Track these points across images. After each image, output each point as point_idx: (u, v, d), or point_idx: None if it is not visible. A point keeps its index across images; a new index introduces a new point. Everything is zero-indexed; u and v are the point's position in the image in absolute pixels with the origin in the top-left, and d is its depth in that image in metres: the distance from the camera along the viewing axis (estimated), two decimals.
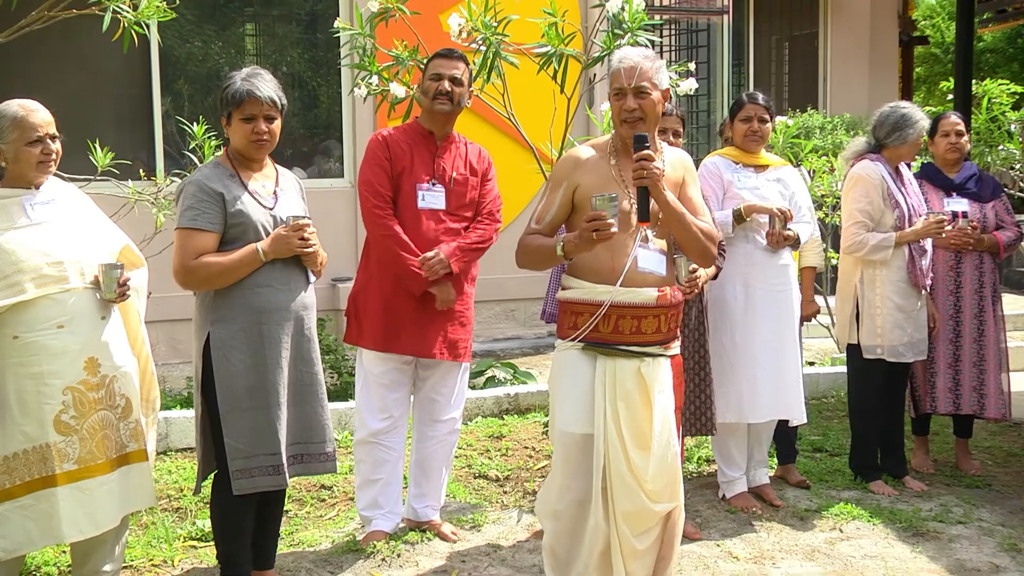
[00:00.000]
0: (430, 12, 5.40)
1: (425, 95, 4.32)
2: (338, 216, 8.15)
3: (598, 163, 3.48)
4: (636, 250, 3.38)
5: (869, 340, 5.12)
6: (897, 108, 5.19)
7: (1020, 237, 5.47)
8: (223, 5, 8.26)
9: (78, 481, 3.51)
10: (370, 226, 4.31)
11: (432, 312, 4.31)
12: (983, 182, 5.50)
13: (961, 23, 10.20)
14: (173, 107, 7.86)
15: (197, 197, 3.61)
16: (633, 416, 3.35)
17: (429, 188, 4.30)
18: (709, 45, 9.58)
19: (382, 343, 4.30)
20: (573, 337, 3.42)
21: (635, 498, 3.34)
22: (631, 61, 3.41)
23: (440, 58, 4.33)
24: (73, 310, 3.50)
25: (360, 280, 4.44)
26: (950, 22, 18.23)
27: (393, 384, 4.39)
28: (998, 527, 4.69)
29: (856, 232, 5.05)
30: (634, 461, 3.33)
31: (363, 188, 4.31)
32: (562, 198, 3.48)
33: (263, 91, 3.65)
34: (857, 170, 5.13)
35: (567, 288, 3.48)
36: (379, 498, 4.43)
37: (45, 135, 3.54)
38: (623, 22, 4.82)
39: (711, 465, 5.44)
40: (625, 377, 3.37)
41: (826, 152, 9.26)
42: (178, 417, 5.80)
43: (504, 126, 5.38)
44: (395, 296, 4.28)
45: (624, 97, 3.40)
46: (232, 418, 3.62)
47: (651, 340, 3.41)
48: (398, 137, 4.34)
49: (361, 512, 4.49)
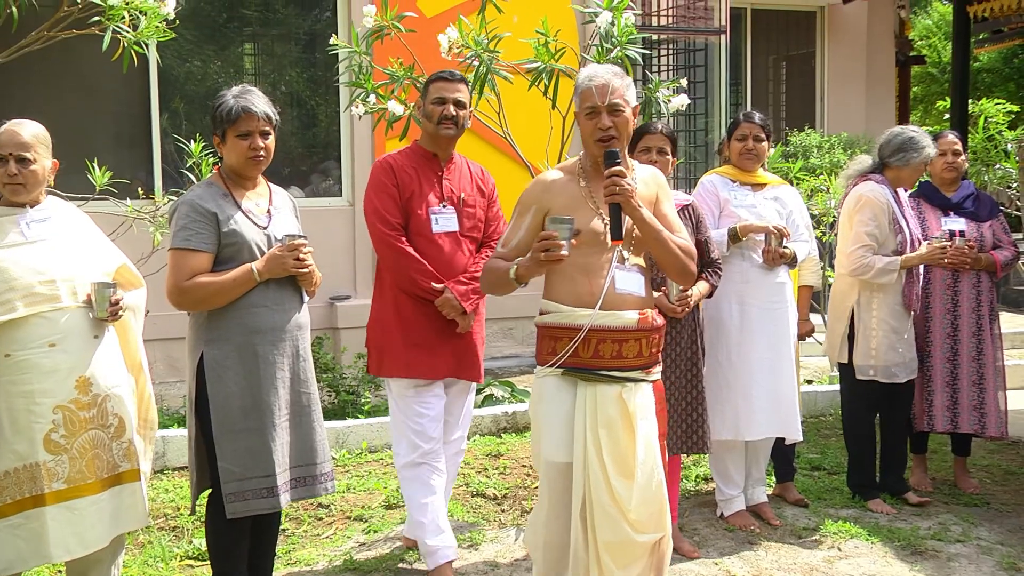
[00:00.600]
0: (426, 30, 5.41)
1: (428, 119, 4.28)
2: (336, 235, 8.16)
3: (567, 185, 3.42)
4: (612, 270, 3.33)
5: (863, 361, 5.12)
6: (906, 131, 5.23)
7: (1017, 256, 5.47)
8: (222, 25, 8.29)
9: (67, 501, 3.48)
10: (383, 251, 4.27)
11: (452, 333, 4.28)
12: (980, 201, 5.51)
13: (957, 43, 10.27)
14: (171, 126, 7.88)
15: (190, 217, 3.59)
16: (615, 444, 3.27)
17: (441, 211, 4.27)
18: (707, 64, 9.60)
19: (408, 368, 4.25)
20: (552, 363, 3.36)
21: (618, 528, 3.26)
22: (602, 79, 3.35)
23: (441, 81, 4.29)
24: (65, 329, 3.49)
25: (376, 310, 4.39)
26: (947, 42, 18.33)
27: (428, 404, 4.31)
28: (997, 545, 4.68)
29: (863, 255, 5.05)
30: (617, 490, 3.25)
31: (372, 216, 4.26)
32: (531, 222, 3.41)
33: (258, 107, 3.64)
34: (864, 191, 5.12)
35: (545, 313, 3.42)
36: (439, 520, 4.28)
37: (9, 155, 3.51)
38: (613, 37, 4.84)
39: (709, 483, 5.43)
40: (606, 403, 3.30)
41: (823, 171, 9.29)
42: (175, 436, 5.79)
43: (500, 144, 5.40)
44: (415, 320, 4.25)
45: (598, 115, 3.34)
46: (226, 440, 3.59)
47: (632, 365, 3.34)
48: (403, 162, 4.30)
49: (427, 541, 4.24)
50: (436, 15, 7.79)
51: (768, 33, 12.22)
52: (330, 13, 8.45)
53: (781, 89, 12.65)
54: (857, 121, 11.89)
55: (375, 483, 5.49)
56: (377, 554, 4.59)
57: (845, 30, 12.22)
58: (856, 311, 5.14)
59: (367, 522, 4.97)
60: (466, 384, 4.47)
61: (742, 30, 11.84)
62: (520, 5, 5.56)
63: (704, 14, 9.42)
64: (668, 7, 9.30)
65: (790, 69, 12.56)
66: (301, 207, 4.12)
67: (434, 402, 4.33)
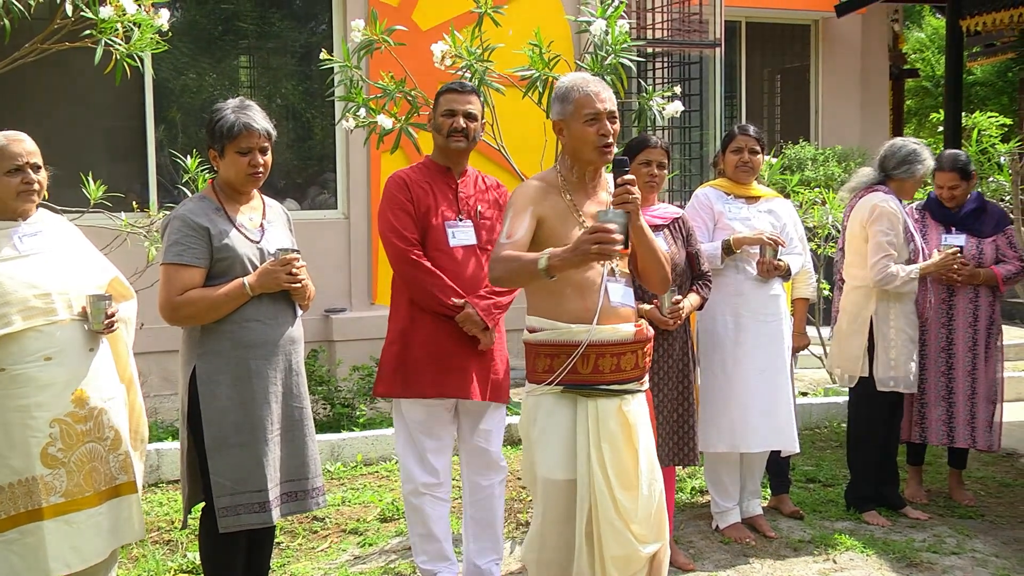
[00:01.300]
0: (422, 43, 5.42)
1: (439, 132, 4.19)
2: (331, 247, 8.15)
3: (551, 195, 3.33)
4: (605, 283, 3.28)
5: (884, 372, 5.11)
6: (908, 143, 5.24)
7: (1022, 270, 5.45)
8: (217, 38, 8.30)
9: (65, 514, 3.47)
10: (400, 267, 4.15)
11: (475, 353, 4.16)
12: (987, 215, 5.47)
13: (951, 57, 10.33)
14: (167, 139, 7.89)
15: (183, 232, 3.57)
16: (617, 457, 3.24)
17: (458, 224, 4.17)
18: (701, 77, 9.62)
19: (425, 388, 4.12)
20: (550, 381, 3.28)
21: (624, 542, 3.24)
22: (597, 85, 3.29)
23: (452, 92, 4.20)
24: (61, 342, 3.48)
25: (393, 331, 4.24)
26: (940, 55, 18.38)
27: (436, 432, 4.23)
28: (992, 558, 4.68)
29: (886, 264, 5.02)
30: (621, 503, 3.22)
31: (388, 233, 4.15)
32: (530, 222, 3.25)
33: (259, 123, 3.63)
34: (878, 202, 5.08)
35: (537, 330, 3.31)
36: (444, 550, 4.26)
37: (25, 164, 3.51)
38: (607, 45, 4.85)
39: (704, 495, 5.42)
40: (608, 418, 3.25)
41: (818, 184, 9.30)
42: (169, 449, 5.78)
43: (493, 155, 5.40)
44: (436, 339, 4.11)
45: (599, 121, 3.25)
46: (218, 454, 3.58)
47: (630, 377, 3.31)
48: (416, 177, 4.21)
49: (422, 566, 4.27)
50: (431, 28, 7.81)
51: (763, 46, 12.28)
52: (325, 26, 8.47)
53: (776, 102, 12.70)
54: (851, 134, 11.93)
55: (370, 496, 5.48)
56: (372, 567, 4.58)
57: (839, 43, 12.28)
58: (875, 322, 5.12)
59: (362, 535, 4.95)
60: (498, 406, 4.33)
61: (737, 43, 11.88)
62: (514, 18, 5.58)
63: (699, 27, 9.45)
64: (663, 20, 9.33)
65: (784, 82, 12.62)
66: (296, 220, 4.11)
67: (445, 427, 4.25)
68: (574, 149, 3.33)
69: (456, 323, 4.09)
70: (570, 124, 3.31)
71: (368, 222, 8.27)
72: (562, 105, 3.32)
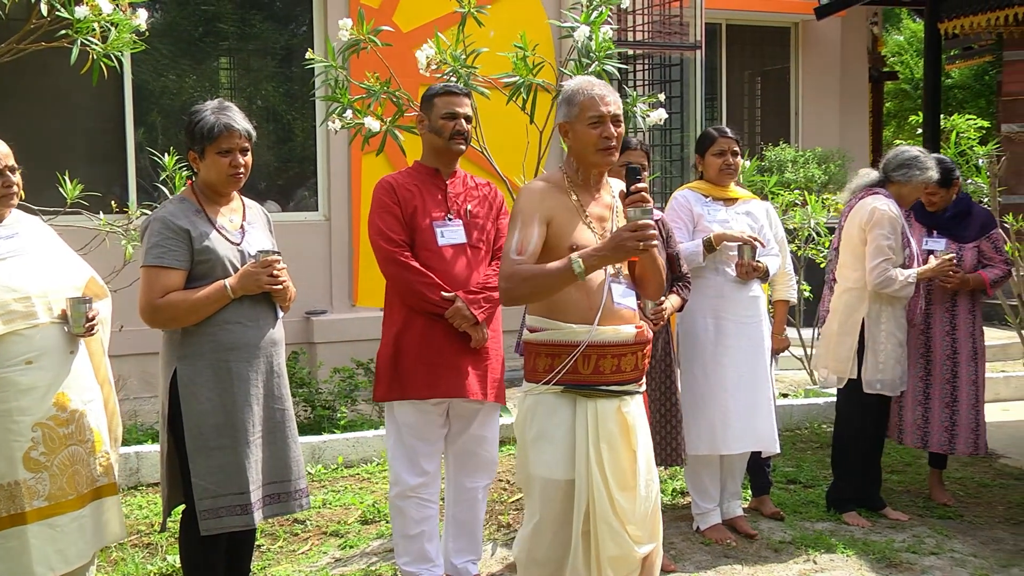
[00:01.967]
0: (402, 44, 5.41)
1: (439, 135, 4.19)
2: (312, 249, 8.14)
3: (559, 197, 3.33)
4: (609, 284, 3.31)
5: (871, 375, 5.13)
6: (911, 149, 5.27)
7: (1008, 273, 5.48)
8: (198, 39, 8.27)
9: (49, 518, 3.45)
10: (387, 268, 4.15)
11: (469, 352, 4.16)
12: (972, 218, 5.49)
13: (929, 60, 10.40)
14: (147, 140, 7.85)
15: (163, 234, 3.55)
16: (616, 457, 3.26)
17: (446, 223, 4.18)
18: (682, 79, 9.66)
19: (419, 390, 4.11)
20: (550, 379, 3.28)
21: (621, 542, 3.25)
22: (603, 89, 3.31)
23: (449, 95, 4.21)
24: (41, 346, 3.45)
25: (387, 336, 4.23)
26: (918, 59, 18.51)
27: (427, 436, 4.22)
28: (970, 558, 4.70)
29: (885, 268, 5.02)
30: (619, 503, 3.24)
31: (376, 237, 4.16)
32: (540, 230, 3.25)
33: (239, 124, 3.62)
34: (878, 205, 5.07)
35: (538, 330, 3.32)
36: (427, 551, 4.26)
37: (3, 167, 3.49)
38: (590, 51, 4.85)
39: (685, 497, 5.44)
40: (607, 418, 3.26)
41: (798, 186, 9.35)
42: (149, 451, 5.75)
43: (476, 158, 5.39)
44: (430, 339, 4.10)
45: (603, 124, 3.26)
46: (199, 457, 3.56)
47: (630, 378, 3.33)
48: (404, 180, 4.23)
49: (404, 567, 4.27)
50: (412, 30, 7.81)
51: (743, 48, 12.34)
52: (306, 28, 8.45)
53: (756, 104, 12.76)
54: (831, 136, 12.01)
55: (351, 498, 5.46)
56: (353, 569, 4.57)
57: (819, 46, 12.35)
58: (866, 325, 5.13)
59: (343, 537, 4.94)
60: (493, 406, 4.31)
61: (717, 46, 11.94)
62: (497, 20, 5.57)
63: (679, 29, 9.48)
64: (643, 23, 9.35)
65: (765, 84, 12.68)
66: (277, 222, 4.10)
67: (436, 430, 4.25)
68: (578, 151, 3.35)
69: (449, 323, 4.09)
70: (575, 126, 3.32)
71: (349, 224, 8.25)
72: (568, 108, 3.34)
